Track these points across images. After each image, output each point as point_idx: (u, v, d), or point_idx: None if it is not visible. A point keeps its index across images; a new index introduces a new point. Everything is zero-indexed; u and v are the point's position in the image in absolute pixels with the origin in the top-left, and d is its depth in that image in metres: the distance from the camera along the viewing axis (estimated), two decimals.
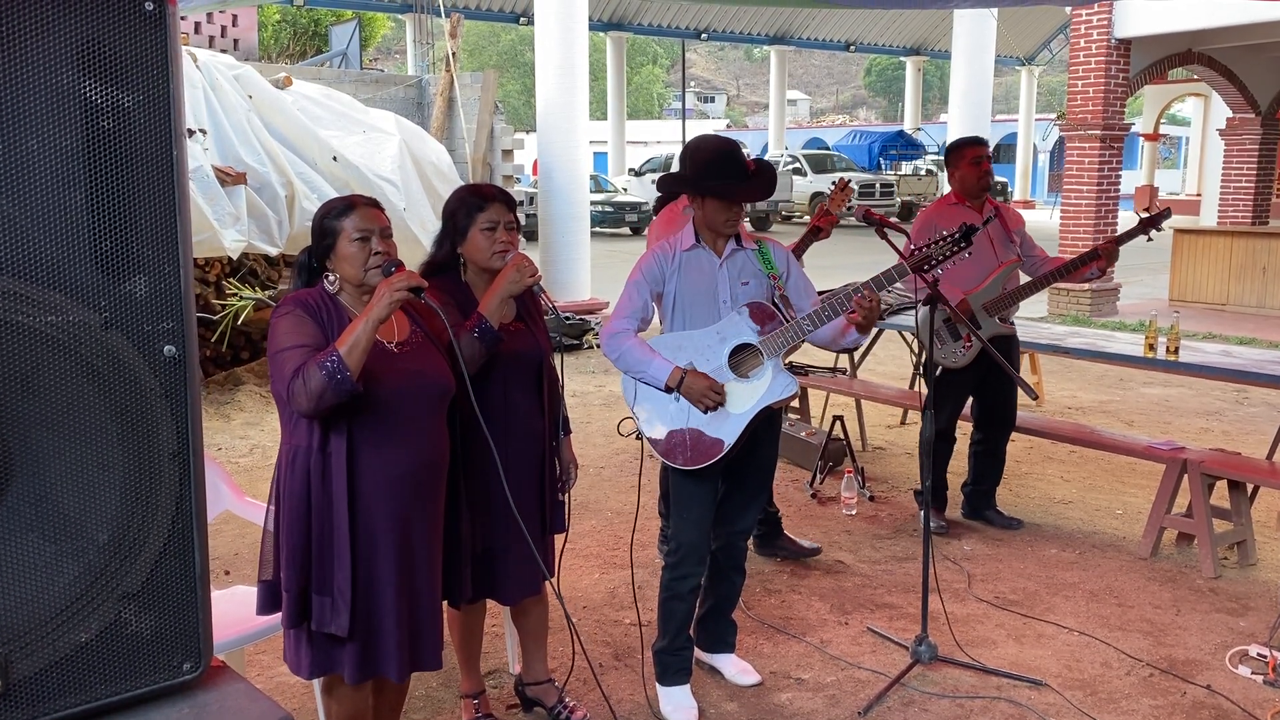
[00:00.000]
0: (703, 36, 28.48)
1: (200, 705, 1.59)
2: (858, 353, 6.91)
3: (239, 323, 6.89)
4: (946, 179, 4.83)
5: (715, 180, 3.10)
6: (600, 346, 3.26)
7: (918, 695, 3.35)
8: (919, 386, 6.81)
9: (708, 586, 3.42)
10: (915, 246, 3.38)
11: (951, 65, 13.05)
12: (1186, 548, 4.61)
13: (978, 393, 4.85)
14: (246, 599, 2.78)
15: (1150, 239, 4.65)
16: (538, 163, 10.72)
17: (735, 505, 3.31)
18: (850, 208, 4.22)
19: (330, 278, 2.46)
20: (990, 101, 12.70)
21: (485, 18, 23.99)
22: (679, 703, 3.26)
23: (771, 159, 22.96)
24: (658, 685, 3.32)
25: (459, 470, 2.64)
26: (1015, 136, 31.89)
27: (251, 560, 3.58)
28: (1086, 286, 11.08)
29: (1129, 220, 5.29)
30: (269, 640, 3.18)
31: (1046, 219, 21.27)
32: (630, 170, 28.10)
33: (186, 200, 1.56)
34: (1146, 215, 4.55)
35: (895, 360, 8.76)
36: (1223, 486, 4.52)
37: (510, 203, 2.89)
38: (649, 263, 3.20)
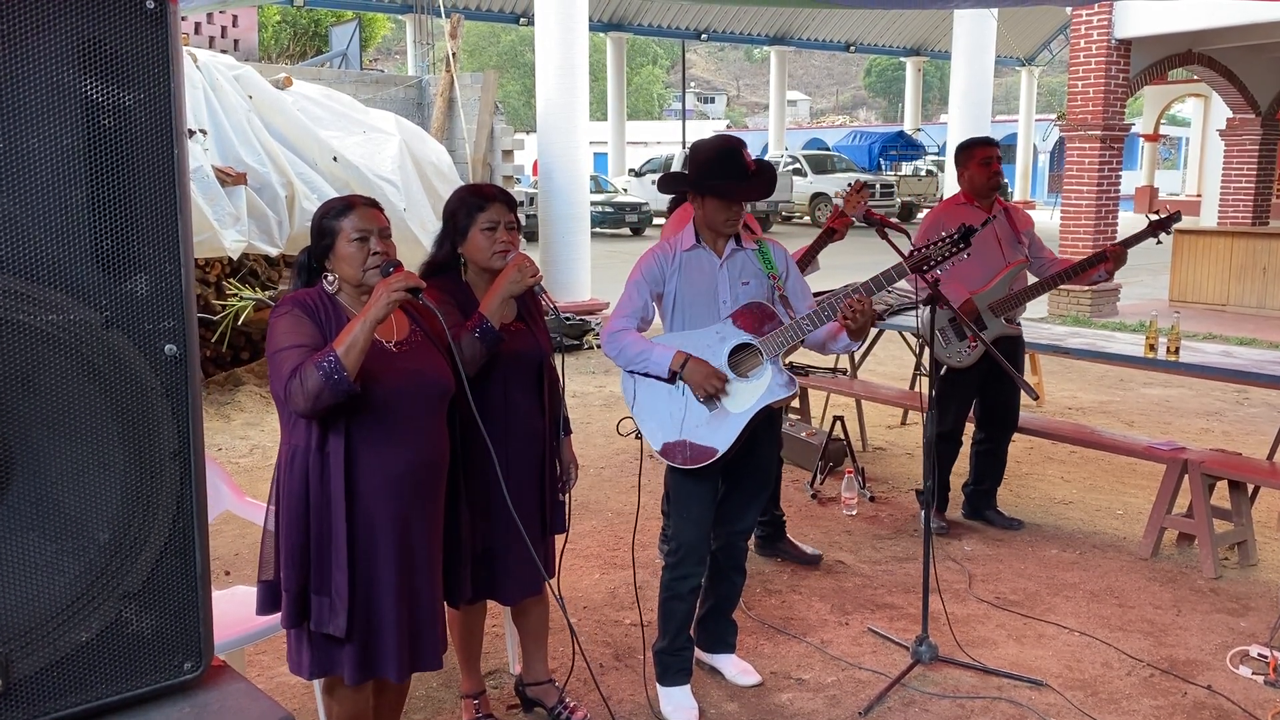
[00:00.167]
0: (703, 37, 28.48)
1: (201, 705, 1.58)
2: (858, 353, 6.91)
3: (239, 323, 6.89)
4: (955, 179, 4.82)
5: (715, 179, 3.09)
6: (601, 347, 3.25)
7: (918, 695, 3.35)
8: (919, 387, 6.81)
9: (708, 587, 3.42)
10: (915, 247, 3.38)
11: (951, 66, 13.06)
12: (1187, 548, 4.61)
13: (981, 393, 4.85)
14: (247, 599, 2.78)
15: (1159, 242, 4.65)
16: (538, 163, 10.72)
17: (735, 505, 3.31)
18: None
19: (329, 278, 2.46)
20: (990, 102, 12.70)
21: (485, 18, 24.00)
22: (679, 703, 3.26)
23: (771, 160, 22.95)
24: (658, 685, 3.32)
25: (459, 470, 2.63)
26: (1015, 137, 31.86)
27: (251, 560, 3.58)
28: (1087, 287, 11.07)
29: (1129, 221, 5.29)
30: (269, 640, 3.18)
31: (1047, 219, 21.25)
32: (630, 171, 28.09)
33: (188, 199, 1.55)
34: (1156, 218, 4.55)
35: (895, 360, 8.76)
36: (1223, 487, 4.52)
37: (511, 203, 2.89)
38: (649, 262, 3.19)
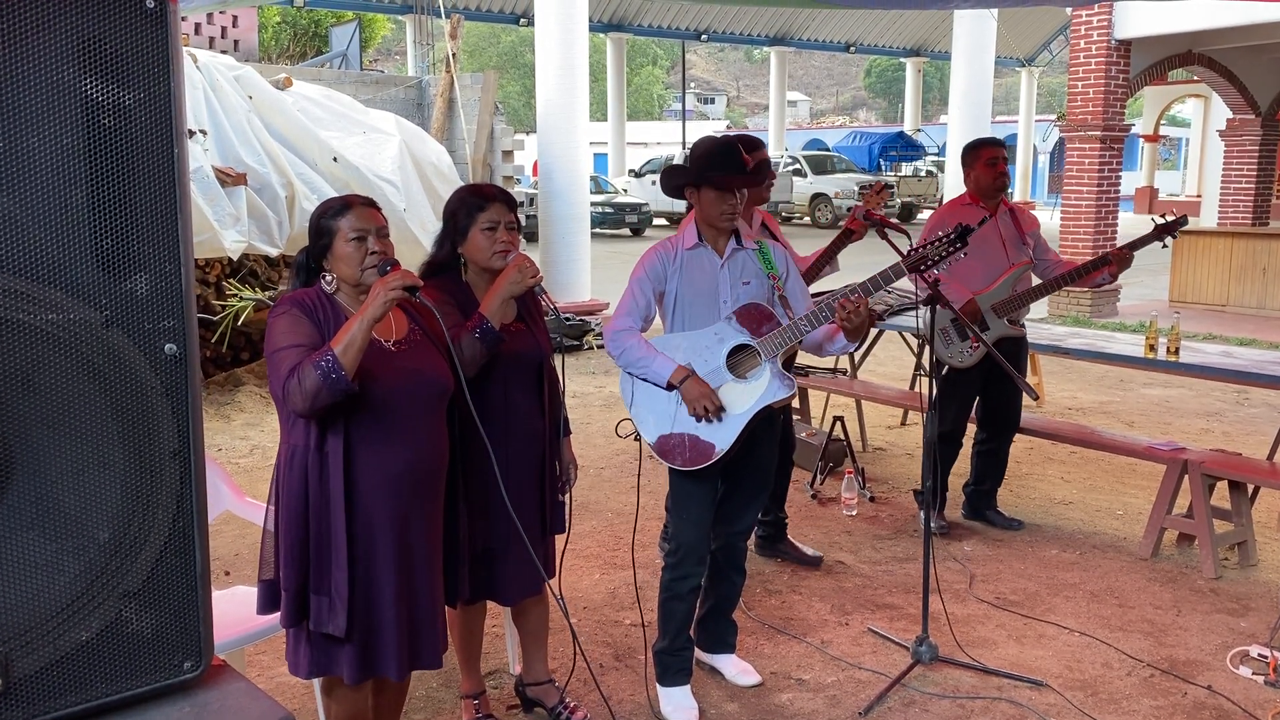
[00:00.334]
0: (703, 37, 28.47)
1: (201, 704, 1.59)
2: (858, 353, 6.91)
3: (239, 323, 6.89)
4: (960, 179, 4.82)
5: (711, 171, 3.11)
6: (601, 347, 3.26)
7: (918, 696, 3.35)
8: (919, 387, 6.81)
9: (708, 587, 3.42)
10: (913, 247, 3.38)
11: (951, 66, 13.05)
12: (1187, 548, 4.61)
13: (983, 393, 4.85)
14: (246, 599, 2.78)
15: (1165, 245, 4.66)
16: (538, 164, 10.71)
17: (735, 505, 3.31)
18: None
19: (327, 278, 2.46)
20: (990, 102, 12.69)
21: (485, 19, 23.98)
22: (679, 703, 3.26)
23: (771, 160, 22.89)
24: (658, 686, 3.32)
25: (458, 470, 2.63)
26: (1015, 138, 31.86)
27: (251, 560, 3.58)
28: (1088, 288, 11.07)
29: (1129, 221, 5.30)
30: (269, 640, 3.17)
31: (1046, 220, 21.24)
32: (630, 171, 28.08)
33: (188, 198, 1.55)
34: (1162, 222, 4.55)
35: (895, 361, 8.76)
36: (1223, 487, 4.52)
37: (511, 203, 2.89)
38: (652, 260, 3.20)
